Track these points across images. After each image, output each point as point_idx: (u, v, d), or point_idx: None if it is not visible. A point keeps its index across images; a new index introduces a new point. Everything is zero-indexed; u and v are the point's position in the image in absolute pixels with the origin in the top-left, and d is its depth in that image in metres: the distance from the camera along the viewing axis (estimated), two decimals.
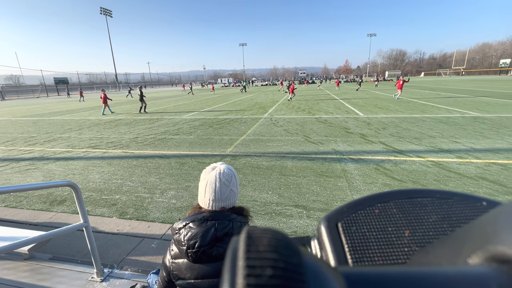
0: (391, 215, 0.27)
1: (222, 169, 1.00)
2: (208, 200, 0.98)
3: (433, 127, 7.76)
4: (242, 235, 0.15)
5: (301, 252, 0.14)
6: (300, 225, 3.00)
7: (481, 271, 0.15)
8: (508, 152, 5.19)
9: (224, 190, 0.98)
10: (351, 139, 6.68)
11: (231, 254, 0.14)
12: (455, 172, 4.27)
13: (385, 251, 0.24)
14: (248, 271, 0.12)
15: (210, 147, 6.48)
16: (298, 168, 4.76)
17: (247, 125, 9.49)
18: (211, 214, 0.96)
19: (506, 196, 3.40)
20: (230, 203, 1.01)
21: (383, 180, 4.08)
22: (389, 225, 0.26)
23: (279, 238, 0.14)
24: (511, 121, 8.29)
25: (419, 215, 0.26)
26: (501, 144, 5.76)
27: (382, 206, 0.28)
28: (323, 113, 11.84)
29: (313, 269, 0.13)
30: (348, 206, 0.28)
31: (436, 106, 12.71)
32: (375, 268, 0.17)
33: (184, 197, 3.86)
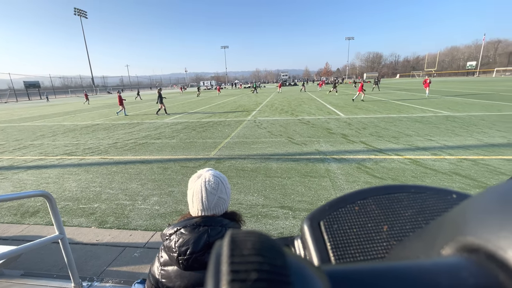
0: (370, 211, 0.27)
1: (208, 177, 0.97)
2: (197, 210, 0.96)
3: (409, 126, 8.12)
4: (225, 239, 0.15)
5: (285, 253, 0.14)
6: (287, 226, 3.02)
7: (453, 262, 0.15)
8: (477, 148, 5.53)
9: (211, 199, 0.95)
10: (333, 140, 6.84)
11: (215, 259, 0.14)
12: (431, 168, 4.49)
13: (365, 247, 0.24)
14: (232, 276, 0.12)
15: (193, 151, 6.38)
16: (283, 169, 4.79)
17: (231, 127, 9.45)
18: (203, 220, 0.93)
19: (477, 189, 3.62)
20: (221, 210, 0.98)
21: (365, 178, 4.20)
22: (368, 221, 0.26)
23: (262, 241, 0.14)
24: (479, 119, 8.87)
25: (396, 210, 0.27)
26: (471, 141, 6.14)
27: (362, 203, 0.28)
28: (305, 114, 12.04)
29: (297, 270, 0.13)
30: (330, 205, 0.29)
31: (411, 106, 13.33)
32: (356, 264, 0.17)
33: (167, 202, 3.76)
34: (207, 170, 1.00)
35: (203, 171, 1.00)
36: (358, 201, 0.28)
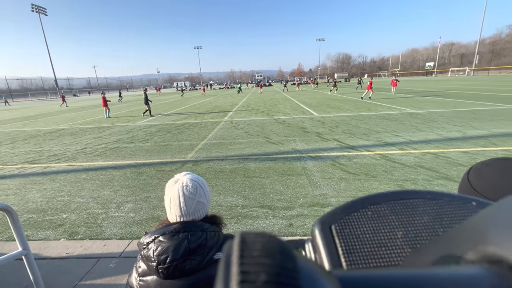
0: (383, 216, 0.27)
1: (185, 181, 0.93)
2: (175, 216, 0.93)
3: (378, 123, 8.61)
4: (235, 240, 0.15)
5: (296, 256, 0.14)
6: (267, 225, 3.06)
7: (473, 272, 0.15)
8: (438, 142, 6.02)
9: (190, 204, 0.92)
10: (309, 138, 7.04)
11: (225, 259, 0.13)
12: (399, 162, 4.81)
13: (378, 253, 0.24)
14: (242, 277, 0.12)
15: (169, 154, 6.20)
16: (261, 169, 4.84)
17: (207, 129, 9.33)
18: (183, 225, 0.90)
19: (439, 180, 3.94)
20: (201, 214, 0.96)
21: (339, 174, 4.38)
22: (382, 227, 0.26)
23: (273, 242, 0.14)
24: (438, 115, 9.64)
25: (411, 216, 0.26)
26: (432, 135, 6.66)
27: (375, 208, 0.28)
28: (281, 114, 12.25)
29: (308, 274, 0.13)
30: (342, 209, 0.28)
31: (379, 104, 14.13)
32: (369, 270, 0.17)
33: (143, 209, 3.63)
34: (185, 174, 0.97)
35: (180, 176, 0.97)
36: (371, 206, 0.28)
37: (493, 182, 0.83)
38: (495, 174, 0.83)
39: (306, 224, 3.02)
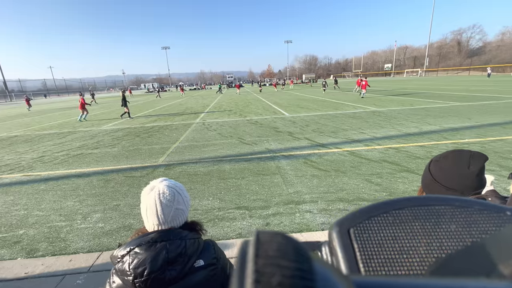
0: (406, 222, 0.26)
1: (162, 188, 0.89)
2: (153, 225, 0.88)
3: (345, 122, 9.09)
4: (252, 239, 0.15)
5: (312, 258, 0.14)
6: (244, 226, 3.08)
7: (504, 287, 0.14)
8: (399, 137, 6.54)
9: (167, 212, 0.87)
10: (281, 138, 7.21)
11: (240, 258, 0.13)
12: (365, 158, 5.13)
13: (399, 260, 0.23)
14: (257, 277, 0.12)
15: (139, 159, 5.93)
16: (236, 170, 4.85)
17: (179, 131, 9.07)
18: (160, 234, 0.85)
19: (401, 173, 4.29)
20: (180, 221, 0.92)
21: (312, 172, 4.56)
22: (404, 233, 0.25)
23: (289, 243, 0.14)
24: (397, 113, 10.46)
25: (436, 224, 0.25)
26: (393, 132, 7.21)
27: (397, 213, 0.27)
28: (253, 115, 12.34)
29: (324, 277, 0.13)
30: (361, 212, 0.27)
31: (345, 103, 14.90)
32: (388, 278, 0.16)
33: (113, 218, 3.43)
34: (161, 181, 0.93)
35: (156, 182, 0.92)
36: (393, 211, 0.27)
37: (451, 172, 0.96)
38: (451, 165, 0.95)
39: (282, 222, 3.10)
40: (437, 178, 0.97)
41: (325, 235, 2.39)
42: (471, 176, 0.89)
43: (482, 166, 0.90)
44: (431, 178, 0.99)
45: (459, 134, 6.57)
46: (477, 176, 0.89)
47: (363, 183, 3.98)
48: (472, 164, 0.89)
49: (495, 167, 4.23)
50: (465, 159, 0.91)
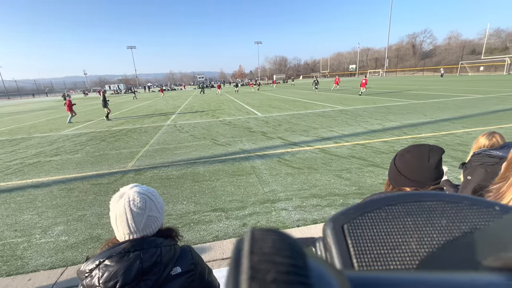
0: (398, 218, 0.26)
1: (132, 195, 0.84)
2: (123, 234, 0.84)
3: (315, 120, 9.43)
4: (246, 236, 0.15)
5: (307, 254, 0.14)
6: (221, 229, 3.05)
7: (493, 279, 0.14)
8: (365, 134, 6.95)
9: (138, 220, 0.83)
10: (255, 138, 7.26)
11: (235, 255, 0.14)
12: (335, 154, 5.37)
13: (392, 255, 0.23)
14: (252, 273, 0.12)
15: (106, 165, 5.58)
16: (211, 172, 4.79)
17: (148, 134, 8.70)
18: (133, 243, 0.81)
19: (368, 167, 4.56)
20: (153, 229, 0.87)
21: (286, 170, 4.66)
22: (396, 229, 0.25)
23: (284, 239, 0.14)
24: (362, 111, 11.10)
25: (427, 219, 0.25)
26: (359, 129, 7.64)
27: (390, 209, 0.27)
28: (226, 115, 12.27)
29: (318, 272, 0.13)
30: (355, 209, 0.28)
31: (314, 103, 15.45)
32: (382, 272, 0.17)
33: (78, 229, 3.20)
34: (131, 187, 0.88)
35: (126, 189, 0.87)
36: (386, 207, 0.27)
37: (413, 165, 1.04)
38: (413, 158, 1.04)
39: (259, 222, 3.13)
40: (402, 171, 1.06)
41: (301, 231, 2.45)
42: (431, 168, 0.98)
43: (440, 158, 0.99)
44: (396, 171, 1.08)
45: (417, 129, 7.16)
46: (435, 168, 0.98)
47: (334, 178, 4.17)
48: (431, 157, 0.99)
49: (447, 158, 4.68)
50: (425, 153, 1.00)
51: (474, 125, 7.21)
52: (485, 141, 1.92)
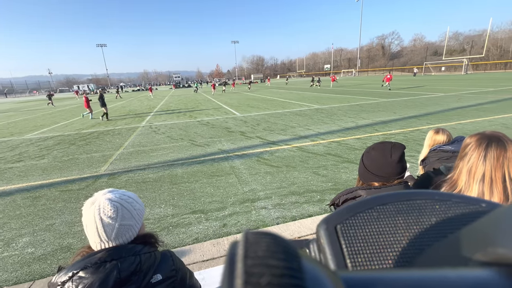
0: (390, 217, 0.26)
1: (102, 203, 0.79)
2: (95, 243, 0.80)
3: (292, 119, 9.61)
4: (240, 239, 0.15)
5: (301, 256, 0.14)
6: (201, 231, 3.03)
7: (482, 274, 0.15)
8: (340, 132, 7.21)
9: (109, 230, 0.78)
10: (233, 138, 7.25)
11: (229, 260, 0.13)
12: (311, 152, 5.53)
13: (384, 254, 0.24)
14: (246, 278, 0.12)
15: (76, 169, 5.27)
16: (189, 173, 4.71)
17: (122, 136, 8.34)
18: (109, 252, 0.76)
19: (343, 164, 4.75)
20: (127, 238, 0.82)
21: (265, 169, 4.72)
22: (388, 228, 0.25)
23: (278, 242, 0.14)
24: (337, 109, 11.50)
25: (418, 217, 0.26)
26: (334, 127, 7.92)
27: (381, 209, 0.27)
28: (204, 115, 12.10)
29: (312, 274, 0.13)
30: (348, 209, 0.28)
31: (292, 102, 15.73)
32: (374, 271, 0.17)
33: (47, 240, 3.00)
34: (104, 194, 0.83)
35: (99, 195, 0.83)
36: (377, 207, 0.28)
37: (377, 161, 1.12)
38: (377, 155, 1.12)
39: (239, 222, 3.14)
40: (368, 167, 1.13)
41: (280, 228, 2.51)
42: (393, 164, 1.06)
43: (402, 154, 1.08)
44: (364, 168, 1.15)
45: (387, 126, 7.58)
46: (398, 163, 1.07)
47: (312, 175, 4.30)
48: (393, 153, 1.07)
49: (414, 153, 5.02)
50: (388, 150, 1.09)
51: (438, 121, 7.78)
52: (442, 137, 2.10)
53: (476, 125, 7.13)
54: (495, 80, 25.01)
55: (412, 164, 3.98)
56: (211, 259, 2.51)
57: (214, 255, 2.57)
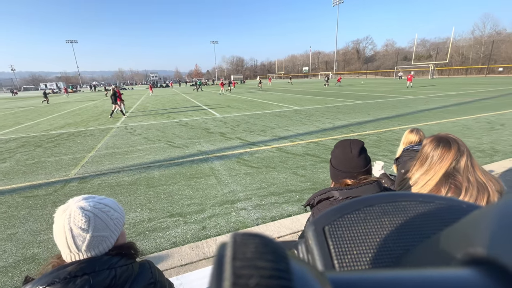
0: (376, 218, 0.27)
1: (74, 212, 0.73)
2: (65, 254, 0.74)
3: (272, 120, 9.71)
4: (228, 241, 0.15)
5: (289, 257, 0.14)
6: (179, 234, 2.95)
7: (463, 273, 0.15)
8: (317, 133, 7.40)
9: (79, 241, 0.72)
10: (213, 139, 7.17)
11: (217, 261, 0.13)
12: (291, 153, 5.61)
13: (371, 254, 0.24)
14: (234, 279, 0.12)
15: (43, 174, 4.92)
16: (167, 175, 4.58)
17: (95, 138, 7.92)
18: (81, 266, 0.70)
19: (321, 164, 4.88)
20: (101, 250, 0.76)
21: (245, 170, 4.71)
22: (375, 229, 0.26)
23: (266, 243, 0.14)
24: (315, 111, 11.80)
25: (403, 219, 0.26)
26: (312, 128, 8.11)
27: (368, 210, 0.28)
28: (182, 116, 11.85)
29: (300, 275, 0.13)
30: (335, 210, 0.28)
31: (271, 103, 15.89)
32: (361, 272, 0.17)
33: (8, 251, 2.77)
34: (77, 201, 0.77)
35: (72, 202, 0.76)
36: (364, 208, 0.28)
37: (340, 158, 1.20)
38: (340, 152, 1.20)
39: (219, 224, 3.11)
40: (334, 165, 1.21)
41: (260, 229, 2.52)
42: (354, 158, 1.14)
43: (361, 148, 1.15)
44: (332, 167, 1.23)
45: (362, 127, 7.90)
46: (358, 157, 1.14)
47: (291, 176, 4.36)
48: (353, 148, 1.15)
49: (387, 153, 5.28)
50: (347, 146, 1.17)
51: (408, 123, 8.25)
52: (414, 137, 2.24)
53: (442, 126, 7.66)
54: (457, 85, 27.06)
55: (386, 163, 4.18)
56: (189, 263, 2.46)
57: (193, 259, 2.52)
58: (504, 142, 5.72)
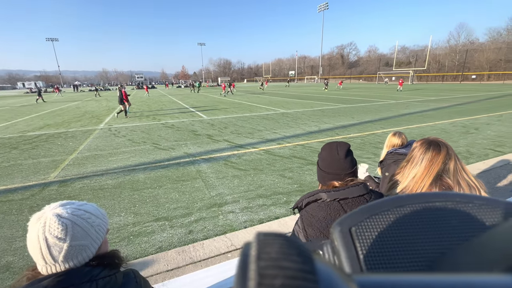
0: (407, 220, 0.26)
1: (49, 220, 0.67)
2: (40, 266, 0.68)
3: (260, 123, 9.75)
4: (253, 241, 0.14)
5: (314, 258, 0.14)
6: (165, 239, 2.89)
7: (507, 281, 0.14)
8: (304, 135, 7.51)
9: (56, 251, 0.66)
10: (200, 141, 7.10)
11: (242, 261, 0.13)
12: (278, 155, 5.66)
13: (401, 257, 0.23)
14: (259, 279, 0.12)
15: (19, 177, 4.68)
16: (152, 178, 4.49)
17: (77, 139, 7.63)
18: (58, 279, 0.65)
19: (308, 166, 4.95)
20: (82, 259, 0.71)
21: (232, 172, 4.70)
22: (405, 231, 0.25)
23: (291, 244, 0.14)
24: (301, 114, 11.97)
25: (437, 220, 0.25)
26: (299, 130, 8.22)
27: (398, 211, 0.26)
28: (169, 118, 11.66)
29: (326, 277, 0.13)
30: (362, 211, 0.27)
31: (259, 106, 15.96)
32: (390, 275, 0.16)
33: None
34: (54, 208, 0.71)
35: (48, 209, 0.70)
36: (394, 209, 0.27)
37: (327, 160, 1.23)
38: (326, 154, 1.24)
39: (206, 227, 3.08)
40: (321, 167, 1.24)
41: (248, 232, 2.52)
42: (341, 160, 1.17)
43: (347, 150, 1.19)
44: (319, 169, 1.26)
45: (346, 130, 8.10)
46: (345, 159, 1.17)
47: (278, 178, 4.40)
48: (339, 150, 1.19)
49: (370, 155, 5.44)
50: (334, 148, 1.20)
51: (390, 126, 8.55)
52: (397, 141, 2.32)
53: (421, 129, 7.99)
54: (435, 90, 28.37)
55: (370, 166, 4.31)
56: (176, 268, 2.42)
57: (180, 263, 2.47)
58: (478, 145, 6.05)
